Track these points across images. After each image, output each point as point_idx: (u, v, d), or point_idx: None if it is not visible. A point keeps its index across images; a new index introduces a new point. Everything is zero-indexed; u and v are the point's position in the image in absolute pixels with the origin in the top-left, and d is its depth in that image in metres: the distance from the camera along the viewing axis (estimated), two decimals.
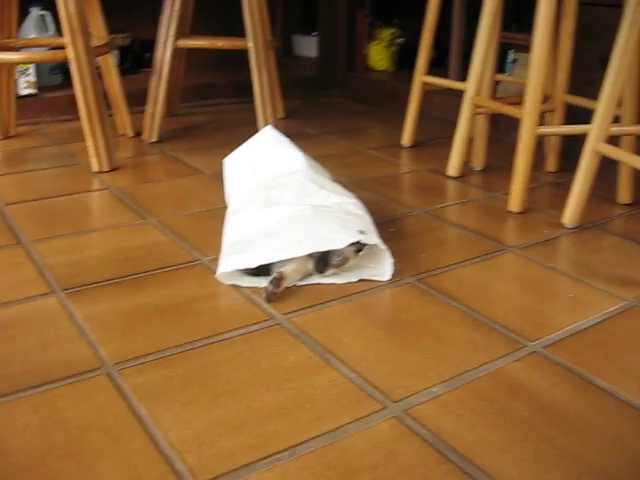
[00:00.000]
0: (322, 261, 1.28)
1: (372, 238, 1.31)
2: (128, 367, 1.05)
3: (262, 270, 1.29)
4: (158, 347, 1.10)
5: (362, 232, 1.30)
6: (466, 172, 2.07)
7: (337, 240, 1.27)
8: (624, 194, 1.85)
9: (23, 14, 2.66)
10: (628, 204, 1.84)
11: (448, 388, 1.01)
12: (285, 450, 0.87)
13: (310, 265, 1.29)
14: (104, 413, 0.94)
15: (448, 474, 0.84)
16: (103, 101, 2.00)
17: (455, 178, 2.03)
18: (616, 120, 1.71)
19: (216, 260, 1.37)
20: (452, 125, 2.06)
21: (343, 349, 1.10)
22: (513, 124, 2.09)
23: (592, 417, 0.96)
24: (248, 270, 1.30)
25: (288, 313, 1.21)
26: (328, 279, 1.32)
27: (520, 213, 1.74)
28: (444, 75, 2.76)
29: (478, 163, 2.13)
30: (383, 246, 1.32)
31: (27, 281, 1.33)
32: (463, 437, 0.91)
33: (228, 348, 1.10)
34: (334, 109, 3.04)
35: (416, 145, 2.39)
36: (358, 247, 1.30)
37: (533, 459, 0.87)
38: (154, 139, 2.34)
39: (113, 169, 2.03)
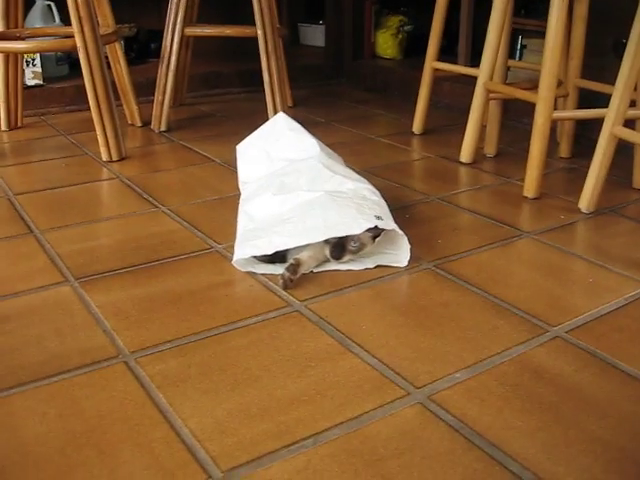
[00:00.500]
0: (339, 247, 1.26)
1: (389, 223, 1.29)
2: (145, 355, 1.03)
3: (278, 257, 1.27)
4: (175, 335, 1.08)
5: (379, 217, 1.28)
6: (479, 158, 2.04)
7: (353, 226, 1.25)
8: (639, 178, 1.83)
9: (29, 4, 2.64)
10: None
11: (472, 373, 0.99)
12: (309, 437, 0.86)
13: (327, 251, 1.27)
14: (123, 402, 0.92)
15: (476, 460, 0.82)
16: (111, 90, 1.98)
17: (468, 164, 2.00)
18: (632, 104, 1.68)
19: (231, 247, 1.35)
20: (462, 112, 2.04)
21: (363, 335, 1.08)
22: (524, 110, 2.07)
23: (620, 402, 0.94)
24: (264, 257, 1.28)
25: (306, 300, 1.19)
26: (345, 265, 1.30)
27: (535, 199, 1.72)
28: (453, 62, 2.73)
29: (491, 149, 2.10)
30: (400, 232, 1.30)
31: (40, 270, 1.31)
32: (489, 423, 0.89)
33: (246, 335, 1.08)
34: (342, 97, 3.01)
35: (427, 132, 2.36)
36: (375, 233, 1.28)
37: (562, 444, 0.85)
38: (163, 128, 2.32)
39: (122, 158, 2.01)
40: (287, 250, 1.26)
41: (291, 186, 1.38)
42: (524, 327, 1.12)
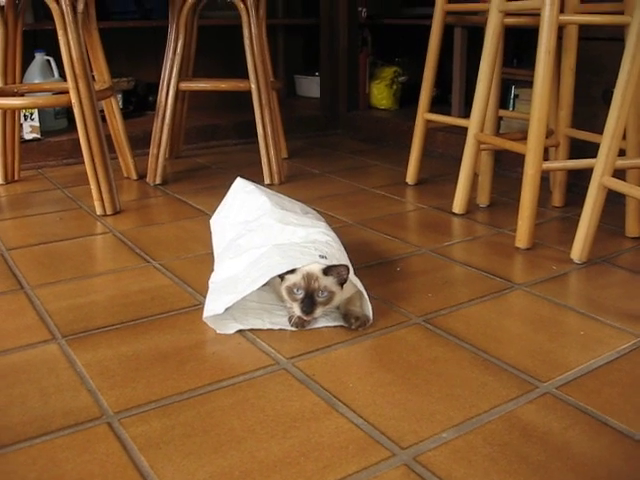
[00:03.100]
0: (307, 301, 1.25)
1: (334, 261, 1.29)
2: (129, 416, 1.02)
3: None
4: (160, 395, 1.07)
5: (323, 257, 1.28)
6: (472, 209, 2.05)
7: (295, 263, 1.25)
8: (632, 227, 1.83)
9: (29, 59, 2.69)
10: (637, 237, 1.81)
11: (459, 433, 0.98)
12: None
13: (297, 311, 1.26)
14: (104, 464, 0.91)
15: None
16: (106, 144, 2.00)
17: (461, 215, 2.01)
18: (621, 153, 1.69)
19: None
20: (456, 162, 2.05)
21: (350, 394, 1.07)
22: (517, 160, 2.08)
23: (609, 460, 0.92)
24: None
25: (293, 357, 1.18)
26: (320, 323, 1.30)
27: (528, 249, 1.72)
28: (447, 112, 2.77)
29: (483, 200, 2.11)
30: (354, 278, 1.29)
31: (28, 327, 1.31)
32: None
33: (232, 394, 1.07)
34: (337, 148, 3.04)
35: (421, 183, 2.37)
36: (339, 280, 1.27)
37: None
38: (158, 181, 2.34)
39: (117, 212, 2.02)
40: None
41: (246, 247, 1.38)
42: (513, 383, 1.11)
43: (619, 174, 1.62)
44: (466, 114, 2.28)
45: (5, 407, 1.04)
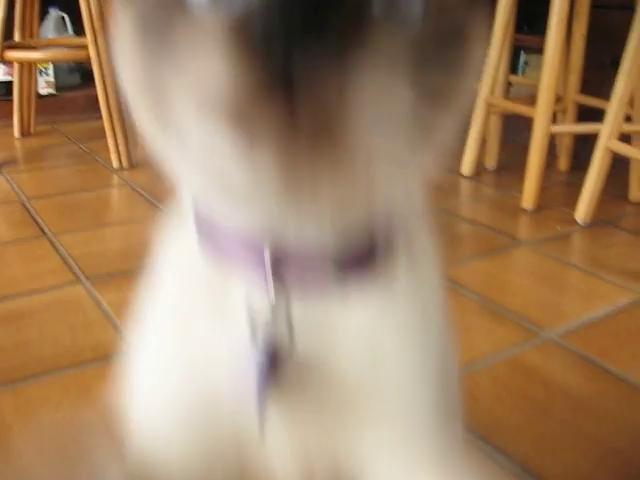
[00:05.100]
0: None
1: None
2: None
3: None
4: None
5: None
6: (480, 171, 2.10)
7: None
8: (636, 192, 1.87)
9: (42, 15, 2.71)
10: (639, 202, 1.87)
11: (466, 372, 1.04)
12: None
13: None
14: None
15: (466, 452, 0.87)
16: (123, 100, 2.04)
17: (469, 177, 2.06)
18: (628, 119, 1.73)
19: None
20: (467, 124, 2.09)
21: None
22: (525, 125, 2.12)
23: (605, 401, 0.99)
24: None
25: None
26: None
27: (533, 210, 1.77)
28: None
29: (491, 162, 2.15)
30: None
31: (53, 270, 1.36)
32: (481, 419, 0.94)
33: None
34: None
35: None
36: None
37: (549, 439, 0.90)
38: None
39: (133, 166, 2.07)
40: None
41: None
42: (518, 331, 1.17)
43: (625, 139, 1.67)
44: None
45: (38, 342, 1.10)
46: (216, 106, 0.28)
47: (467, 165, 2.07)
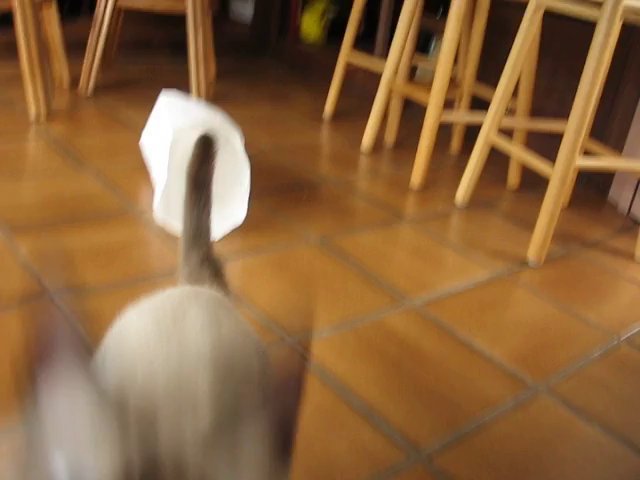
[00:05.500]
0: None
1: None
2: (68, 294, 1.21)
3: None
4: (95, 282, 1.27)
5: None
6: (378, 148, 2.28)
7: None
8: (513, 180, 2.10)
9: None
10: (516, 189, 2.09)
11: (336, 331, 1.23)
12: None
13: None
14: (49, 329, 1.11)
15: (327, 395, 1.06)
16: (44, 50, 2.10)
17: (367, 153, 2.24)
18: (513, 112, 1.95)
19: (145, 211, 1.54)
20: (373, 100, 2.26)
21: (252, 294, 1.30)
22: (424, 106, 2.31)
23: (449, 361, 1.20)
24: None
25: None
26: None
27: (420, 189, 1.97)
28: (372, 49, 2.95)
29: (390, 140, 2.34)
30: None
31: None
32: (343, 369, 1.13)
33: (155, 287, 1.28)
34: (264, 75, 3.19)
35: (337, 117, 2.58)
36: None
37: (397, 389, 1.10)
38: (90, 92, 2.46)
39: (50, 118, 2.14)
40: None
41: None
42: (387, 297, 1.37)
43: (508, 131, 1.87)
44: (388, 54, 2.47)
45: None
46: None
47: (366, 141, 2.24)
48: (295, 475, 0.88)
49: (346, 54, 2.49)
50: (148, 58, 3.11)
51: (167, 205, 1.46)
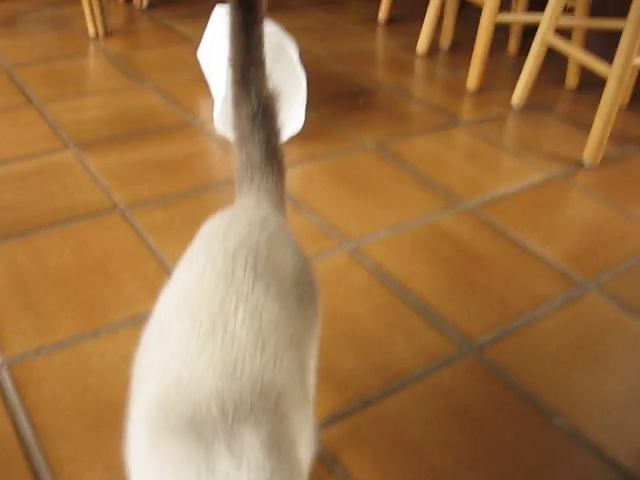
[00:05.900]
0: None
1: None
2: (138, 208, 1.30)
3: None
4: (161, 193, 1.35)
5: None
6: (434, 50, 2.26)
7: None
8: (571, 81, 2.07)
9: None
10: (574, 90, 2.06)
11: (392, 232, 1.28)
12: None
13: None
14: (122, 243, 1.20)
15: (386, 294, 1.12)
16: None
17: (423, 56, 2.23)
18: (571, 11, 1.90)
19: (206, 123, 1.59)
20: (427, 3, 2.23)
21: (311, 200, 1.36)
22: (479, 7, 2.27)
23: (501, 259, 1.24)
24: None
25: None
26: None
27: (476, 92, 1.97)
28: None
29: (446, 42, 2.32)
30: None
31: (43, 137, 1.55)
32: (399, 269, 1.19)
33: (219, 195, 1.35)
34: None
35: (392, 21, 2.55)
36: None
37: (450, 287, 1.16)
38: (145, 5, 2.48)
39: (108, 34, 2.19)
40: None
41: None
42: (441, 200, 1.41)
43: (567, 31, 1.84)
44: None
45: (38, 199, 1.31)
46: None
47: (422, 44, 2.23)
48: (356, 367, 0.96)
49: None
50: None
51: (227, 116, 1.52)
